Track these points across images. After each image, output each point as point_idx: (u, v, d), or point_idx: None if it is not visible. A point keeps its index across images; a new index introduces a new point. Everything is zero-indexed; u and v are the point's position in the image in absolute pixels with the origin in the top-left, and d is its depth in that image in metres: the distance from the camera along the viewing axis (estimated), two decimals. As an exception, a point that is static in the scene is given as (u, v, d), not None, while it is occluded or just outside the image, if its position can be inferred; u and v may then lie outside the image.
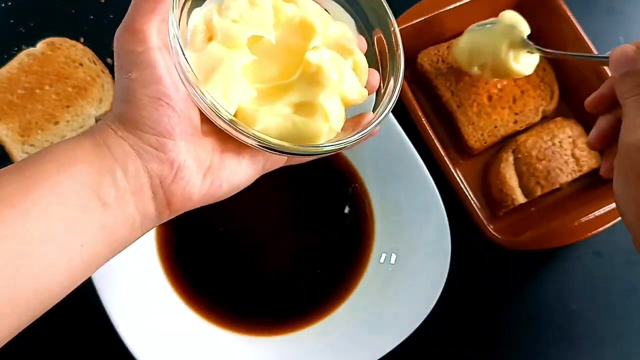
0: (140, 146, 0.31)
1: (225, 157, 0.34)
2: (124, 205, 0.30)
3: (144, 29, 0.31)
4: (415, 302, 0.49)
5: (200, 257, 0.53)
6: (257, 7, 0.34)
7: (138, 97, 0.31)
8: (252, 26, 0.34)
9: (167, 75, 0.31)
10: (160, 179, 0.31)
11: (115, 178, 0.30)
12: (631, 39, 0.64)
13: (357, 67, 0.36)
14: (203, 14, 0.34)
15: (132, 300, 0.48)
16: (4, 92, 0.55)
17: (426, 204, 0.52)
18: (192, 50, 0.33)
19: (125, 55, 0.31)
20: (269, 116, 0.33)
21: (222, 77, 0.32)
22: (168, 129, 0.31)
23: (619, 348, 0.55)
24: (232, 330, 0.51)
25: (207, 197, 0.33)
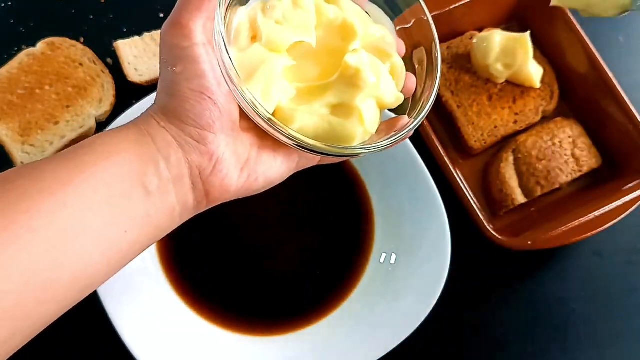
0: (182, 137, 0.32)
1: (262, 152, 0.35)
2: (166, 194, 0.32)
3: (190, 25, 0.32)
4: (415, 302, 0.49)
5: (200, 257, 0.53)
6: (300, 9, 0.35)
7: (182, 90, 0.32)
8: (295, 29, 0.35)
9: (210, 70, 0.32)
10: (199, 170, 0.32)
11: (158, 167, 0.31)
12: (631, 39, 0.65)
13: (395, 71, 0.37)
14: (247, 12, 0.34)
15: (133, 300, 0.48)
16: (4, 92, 0.55)
17: (426, 204, 0.52)
18: (236, 49, 0.33)
19: (171, 49, 0.32)
20: (306, 116, 0.34)
21: (263, 77, 0.33)
22: (209, 122, 0.32)
23: (619, 348, 0.55)
24: (232, 330, 0.51)
25: (243, 190, 0.34)
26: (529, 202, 0.56)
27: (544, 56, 0.61)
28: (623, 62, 0.63)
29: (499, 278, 0.56)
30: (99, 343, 0.50)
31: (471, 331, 0.54)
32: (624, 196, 0.53)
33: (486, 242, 0.53)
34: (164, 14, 0.61)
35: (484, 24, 0.61)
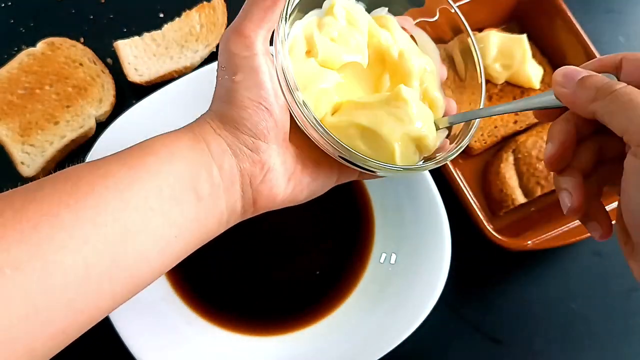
0: (236, 145, 0.32)
1: (307, 165, 0.36)
2: (217, 200, 0.32)
3: (252, 35, 0.33)
4: (415, 302, 0.49)
5: (200, 258, 0.53)
6: (354, 28, 0.36)
7: (240, 98, 0.32)
8: (349, 48, 0.36)
9: (269, 81, 0.33)
10: (250, 178, 0.33)
11: (211, 174, 0.32)
12: (631, 39, 0.65)
13: (433, 105, 0.38)
14: (303, 26, 0.35)
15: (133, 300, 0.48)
16: (4, 92, 0.55)
17: (426, 204, 0.52)
18: (291, 61, 0.34)
19: (231, 57, 0.33)
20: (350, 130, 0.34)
21: (316, 90, 0.34)
22: (264, 132, 0.33)
23: (619, 348, 0.55)
24: (232, 330, 0.51)
25: (288, 200, 0.36)
26: (529, 202, 0.56)
27: (544, 56, 0.61)
28: (623, 62, 0.63)
29: (499, 278, 0.56)
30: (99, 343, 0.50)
31: (471, 331, 0.54)
32: (624, 196, 0.53)
33: (486, 242, 0.53)
34: (163, 14, 0.61)
35: (484, 24, 0.61)
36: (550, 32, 0.60)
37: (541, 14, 0.60)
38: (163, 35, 0.59)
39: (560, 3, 0.59)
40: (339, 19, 0.36)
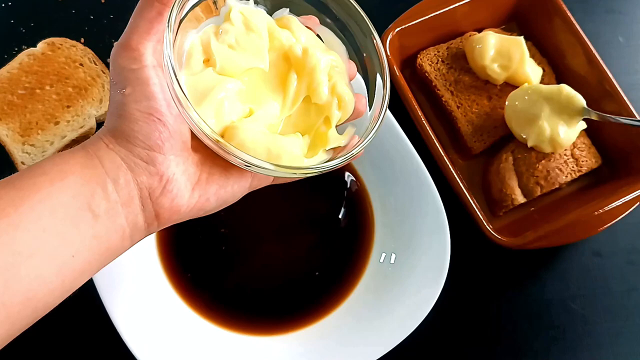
0: (131, 159, 0.32)
1: (214, 172, 0.35)
2: (115, 216, 0.31)
3: (140, 48, 0.32)
4: (414, 302, 0.50)
5: (200, 258, 0.53)
6: (253, 33, 0.35)
7: (130, 111, 0.32)
8: (248, 54, 0.35)
9: (159, 92, 0.32)
10: (149, 191, 0.32)
11: (106, 190, 0.31)
12: (631, 39, 0.65)
13: (341, 104, 0.37)
14: (200, 35, 0.35)
15: (133, 300, 0.48)
16: (5, 92, 0.55)
17: (426, 204, 0.52)
18: (188, 72, 0.34)
19: (120, 71, 0.32)
20: (256, 135, 0.34)
21: (216, 99, 0.33)
22: (158, 143, 0.32)
23: (619, 348, 0.55)
24: (232, 330, 0.51)
25: (194, 210, 0.34)
26: (528, 202, 0.56)
27: (544, 56, 0.61)
28: (623, 62, 0.63)
29: (498, 278, 0.56)
30: (99, 343, 0.50)
31: (471, 331, 0.54)
32: (624, 196, 0.53)
33: (486, 242, 0.53)
34: (164, 14, 0.61)
35: (484, 24, 0.61)
36: (550, 32, 0.60)
37: (541, 14, 0.60)
38: (163, 36, 0.59)
39: (560, 3, 0.59)
40: (236, 25, 0.35)
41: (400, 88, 0.56)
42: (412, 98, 0.56)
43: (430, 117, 0.59)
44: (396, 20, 0.58)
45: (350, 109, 0.37)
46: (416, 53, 0.60)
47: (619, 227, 0.54)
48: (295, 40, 0.37)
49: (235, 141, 0.33)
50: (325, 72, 0.36)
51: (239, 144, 0.33)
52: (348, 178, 0.56)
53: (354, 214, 0.55)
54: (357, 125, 0.38)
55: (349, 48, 0.39)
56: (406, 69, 0.61)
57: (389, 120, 0.53)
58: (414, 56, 0.60)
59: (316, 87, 0.36)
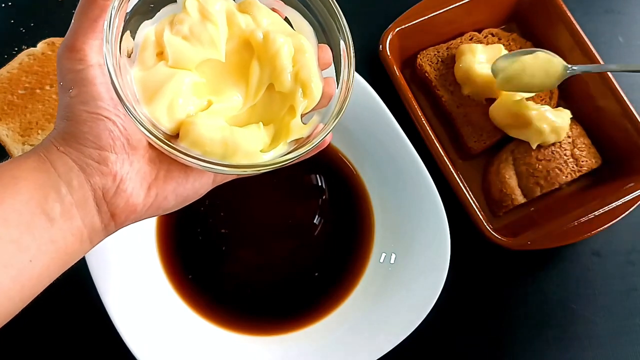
0: (82, 160, 0.31)
1: (172, 169, 0.34)
2: (71, 219, 0.31)
3: (84, 48, 0.32)
4: (414, 302, 0.50)
5: (200, 258, 0.53)
6: (208, 22, 0.34)
7: (77, 113, 0.31)
8: (202, 45, 0.33)
9: (106, 91, 0.31)
10: (103, 191, 0.32)
11: (59, 193, 0.30)
12: (631, 39, 0.65)
13: (306, 90, 0.35)
14: (155, 27, 0.33)
15: (133, 300, 0.48)
16: (5, 92, 0.55)
17: (426, 204, 0.52)
18: (141, 67, 0.33)
19: (66, 73, 0.32)
20: (211, 130, 0.32)
21: (168, 95, 0.32)
22: (109, 142, 0.31)
23: (619, 348, 0.55)
24: (232, 330, 0.51)
25: (152, 209, 0.34)
26: (528, 202, 0.56)
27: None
28: (623, 62, 0.63)
29: (498, 278, 0.56)
30: (99, 343, 0.50)
31: (471, 331, 0.54)
32: (624, 196, 0.53)
33: (486, 242, 0.53)
34: (164, 14, 0.61)
35: (483, 24, 0.61)
36: (550, 32, 0.60)
37: (541, 14, 0.60)
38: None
39: (560, 3, 0.59)
40: (191, 14, 0.33)
41: (400, 88, 0.56)
42: (412, 98, 0.56)
43: (430, 117, 0.59)
44: (396, 20, 0.58)
45: (317, 95, 0.35)
46: (416, 53, 0.60)
47: (619, 227, 0.54)
48: (256, 25, 0.35)
49: (189, 138, 0.32)
50: (289, 57, 0.34)
51: (193, 140, 0.32)
52: (348, 179, 0.56)
53: (354, 214, 0.55)
54: (324, 114, 0.36)
55: (318, 31, 0.37)
56: (406, 69, 0.61)
57: (389, 120, 0.53)
58: (414, 56, 0.60)
59: (279, 74, 0.34)
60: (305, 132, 0.35)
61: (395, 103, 0.55)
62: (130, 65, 0.32)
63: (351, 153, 0.56)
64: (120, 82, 0.30)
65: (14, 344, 0.50)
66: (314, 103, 0.35)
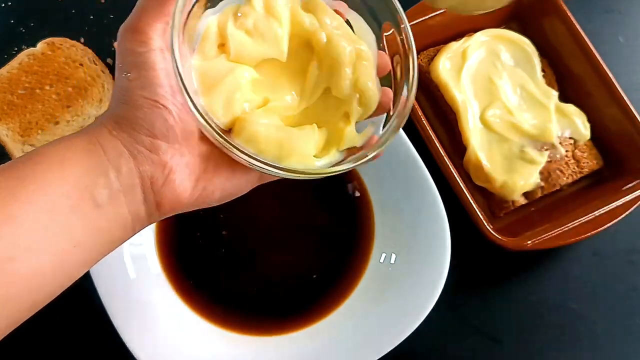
0: (134, 146, 0.30)
1: (221, 164, 0.33)
2: (117, 205, 0.30)
3: (147, 30, 0.31)
4: (415, 302, 0.49)
5: (200, 258, 0.53)
6: (272, 18, 0.33)
7: (134, 97, 0.30)
8: (265, 42, 0.33)
9: (165, 78, 0.31)
10: (151, 180, 0.31)
11: (108, 178, 0.30)
12: (631, 39, 0.65)
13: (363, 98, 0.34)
14: (218, 17, 0.33)
15: (133, 300, 0.48)
16: (4, 92, 0.55)
17: (426, 204, 0.52)
18: (201, 57, 0.32)
19: (126, 54, 0.31)
20: (267, 129, 0.32)
21: (226, 89, 0.32)
22: (162, 131, 0.30)
23: (619, 348, 0.55)
24: (232, 330, 0.51)
25: (197, 202, 0.33)
26: (529, 202, 0.56)
27: (544, 56, 0.61)
28: (623, 62, 0.63)
29: (499, 278, 0.56)
30: (99, 343, 0.50)
31: (471, 331, 0.54)
32: (624, 196, 0.53)
33: (486, 242, 0.53)
34: (164, 14, 0.61)
35: (484, 25, 0.61)
36: (550, 32, 0.60)
37: (541, 14, 0.60)
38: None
39: (560, 3, 0.59)
40: (256, 8, 0.33)
41: (400, 88, 0.56)
42: (412, 98, 0.55)
43: (430, 117, 0.59)
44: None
45: (373, 105, 0.34)
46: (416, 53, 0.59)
47: (619, 227, 0.54)
48: (320, 25, 0.34)
49: (244, 135, 0.31)
50: (349, 63, 0.33)
51: (248, 137, 0.31)
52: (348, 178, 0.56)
53: (354, 214, 0.55)
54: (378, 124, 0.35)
55: (380, 38, 0.36)
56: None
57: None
58: (414, 56, 0.60)
59: (338, 79, 0.33)
60: (359, 141, 0.34)
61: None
62: (189, 53, 0.32)
63: (351, 153, 0.56)
64: (183, 70, 0.29)
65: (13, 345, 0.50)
66: (369, 112, 0.35)
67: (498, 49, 0.59)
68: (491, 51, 0.59)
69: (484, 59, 0.59)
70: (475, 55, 0.58)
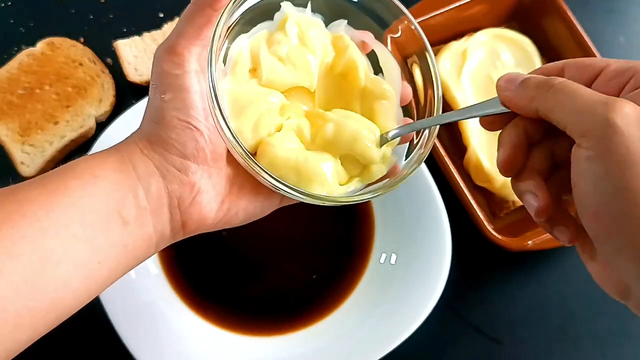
0: (164, 166, 0.31)
1: (245, 186, 0.34)
2: (144, 224, 0.31)
3: (184, 53, 0.31)
4: (415, 302, 0.49)
5: (200, 259, 0.53)
6: (305, 48, 0.34)
7: (168, 118, 0.31)
8: (297, 70, 0.34)
9: (199, 101, 0.31)
10: (179, 200, 0.32)
11: (137, 197, 0.31)
12: (631, 39, 0.65)
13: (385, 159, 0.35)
14: (250, 43, 0.33)
15: (133, 300, 0.48)
16: (4, 92, 0.55)
17: (426, 204, 0.52)
18: (233, 80, 0.33)
19: (162, 75, 0.32)
20: (288, 153, 0.32)
21: (256, 112, 0.32)
22: (193, 152, 0.31)
23: (619, 348, 0.55)
24: (232, 330, 0.51)
25: (222, 223, 0.34)
26: (529, 202, 0.56)
27: (544, 56, 0.61)
28: (623, 62, 0.63)
29: (498, 278, 0.56)
30: (99, 343, 0.50)
31: (471, 331, 0.54)
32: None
33: (486, 242, 0.53)
34: (163, 14, 0.61)
35: (484, 24, 0.61)
36: (550, 32, 0.60)
37: (541, 14, 0.60)
38: (163, 35, 0.59)
39: (561, 3, 0.59)
40: (290, 36, 0.34)
41: (400, 88, 0.56)
42: (412, 98, 0.55)
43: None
44: (396, 20, 0.57)
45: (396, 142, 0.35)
46: (416, 53, 0.59)
47: (619, 227, 0.54)
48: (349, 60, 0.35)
49: (266, 158, 0.32)
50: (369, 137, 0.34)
51: (270, 162, 0.32)
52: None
53: (354, 214, 0.55)
54: (401, 153, 0.35)
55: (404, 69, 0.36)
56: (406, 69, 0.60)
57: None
58: (414, 56, 0.60)
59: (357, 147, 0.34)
60: (383, 172, 0.35)
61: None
62: (222, 76, 0.32)
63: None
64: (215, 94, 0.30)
65: (13, 344, 0.50)
66: (393, 147, 0.35)
67: (498, 48, 0.59)
68: (491, 51, 0.59)
69: (484, 58, 0.59)
70: (476, 55, 0.58)
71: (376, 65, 0.37)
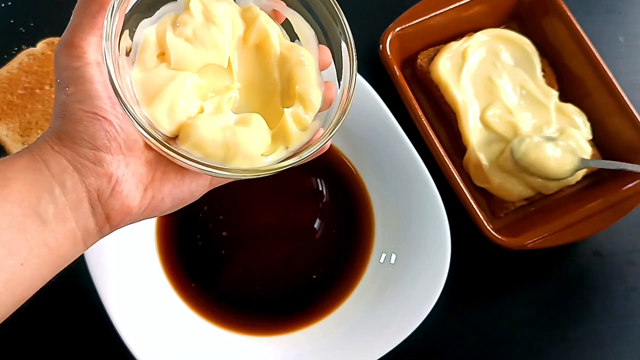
0: (77, 160, 0.30)
1: (169, 171, 0.33)
2: (64, 221, 0.30)
3: (82, 45, 0.31)
4: (415, 302, 0.50)
5: (201, 259, 0.53)
6: (213, 25, 0.33)
7: (73, 112, 0.30)
8: (205, 50, 0.33)
9: (103, 90, 0.31)
10: (98, 193, 0.31)
11: (53, 194, 0.30)
12: (631, 39, 0.65)
13: (303, 102, 0.35)
14: (156, 27, 0.33)
15: (133, 300, 0.48)
16: (4, 92, 0.55)
17: (426, 204, 0.52)
18: (141, 68, 0.32)
19: (63, 70, 0.31)
20: (212, 133, 0.32)
21: (169, 96, 0.32)
22: (105, 142, 0.31)
23: (619, 348, 0.55)
24: (232, 330, 0.51)
25: (148, 211, 0.33)
26: (529, 202, 0.56)
27: (544, 56, 0.61)
28: (623, 62, 0.63)
29: (498, 278, 0.56)
30: (99, 343, 0.50)
31: (471, 331, 0.54)
32: (624, 196, 0.53)
33: (486, 242, 0.53)
34: (164, 14, 0.61)
35: (484, 24, 0.61)
36: (550, 32, 0.60)
37: (541, 14, 0.60)
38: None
39: (560, 3, 0.59)
40: (195, 16, 0.33)
41: (400, 88, 0.56)
42: (412, 98, 0.56)
43: (430, 117, 0.59)
44: (396, 21, 0.57)
45: (317, 106, 0.35)
46: (416, 53, 0.59)
47: (619, 227, 0.54)
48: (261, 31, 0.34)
49: (190, 140, 0.31)
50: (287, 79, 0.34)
51: (195, 143, 0.31)
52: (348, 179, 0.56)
53: (354, 214, 0.55)
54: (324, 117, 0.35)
55: (319, 33, 0.36)
56: (406, 69, 0.61)
57: (389, 120, 0.53)
58: (414, 56, 0.60)
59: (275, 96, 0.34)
60: (306, 138, 0.34)
61: (396, 103, 0.55)
62: (129, 65, 0.32)
63: (351, 153, 0.56)
64: (119, 81, 0.29)
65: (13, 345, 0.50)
66: (315, 112, 0.35)
67: (498, 48, 0.59)
68: (491, 51, 0.59)
69: (484, 58, 0.59)
70: (476, 55, 0.58)
71: (292, 33, 0.36)
